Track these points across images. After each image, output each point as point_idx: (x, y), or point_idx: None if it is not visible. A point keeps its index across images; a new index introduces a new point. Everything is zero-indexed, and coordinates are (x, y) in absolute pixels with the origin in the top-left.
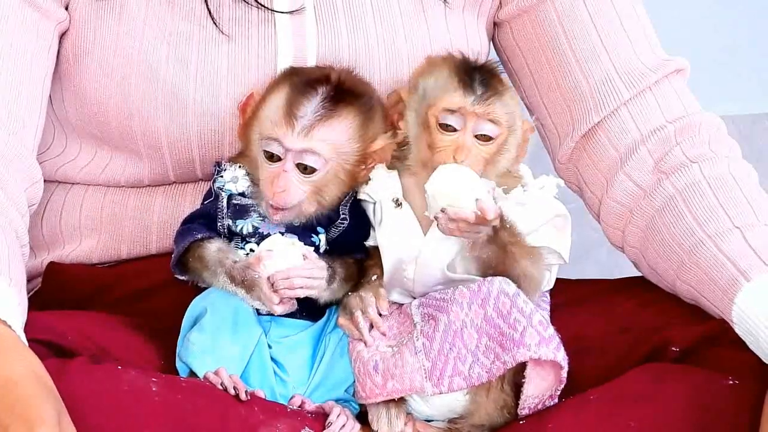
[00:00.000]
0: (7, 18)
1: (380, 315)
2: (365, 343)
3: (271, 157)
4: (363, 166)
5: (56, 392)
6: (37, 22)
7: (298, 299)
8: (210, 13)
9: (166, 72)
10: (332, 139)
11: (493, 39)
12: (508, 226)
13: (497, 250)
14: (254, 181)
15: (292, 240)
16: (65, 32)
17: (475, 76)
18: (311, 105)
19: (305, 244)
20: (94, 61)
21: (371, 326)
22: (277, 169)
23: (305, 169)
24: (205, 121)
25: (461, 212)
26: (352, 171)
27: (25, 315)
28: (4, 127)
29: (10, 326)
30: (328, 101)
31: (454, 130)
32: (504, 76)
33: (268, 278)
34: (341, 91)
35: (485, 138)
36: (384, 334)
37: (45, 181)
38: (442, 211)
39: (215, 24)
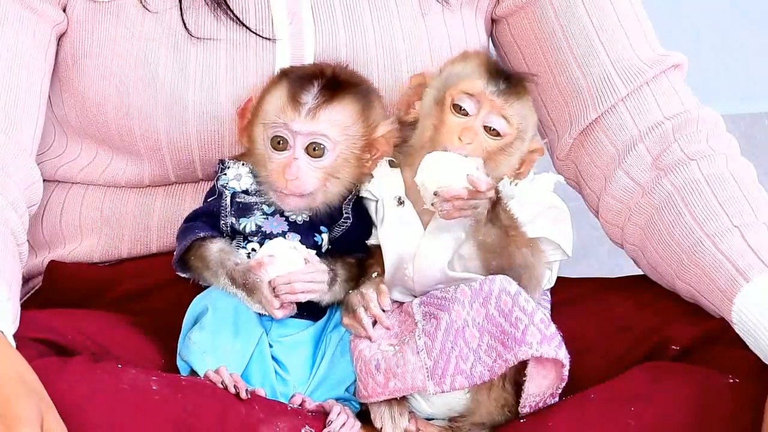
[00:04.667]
0: (3, 21)
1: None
2: (370, 339)
3: (278, 145)
4: (368, 155)
5: (42, 391)
6: (34, 24)
7: (298, 302)
8: (184, 21)
9: (165, 73)
10: (338, 120)
11: (491, 35)
12: (507, 208)
13: (499, 233)
14: (258, 179)
15: (294, 243)
16: (63, 34)
17: (503, 72)
18: (312, 92)
19: (308, 243)
20: (92, 63)
21: (375, 322)
22: (286, 158)
23: (314, 152)
24: (205, 122)
25: (452, 190)
26: (359, 158)
27: (14, 312)
28: (1, 129)
29: None
30: (328, 88)
31: (466, 114)
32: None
33: (270, 283)
34: (338, 80)
35: (494, 132)
36: (389, 329)
37: (45, 180)
38: (435, 194)
39: (188, 31)
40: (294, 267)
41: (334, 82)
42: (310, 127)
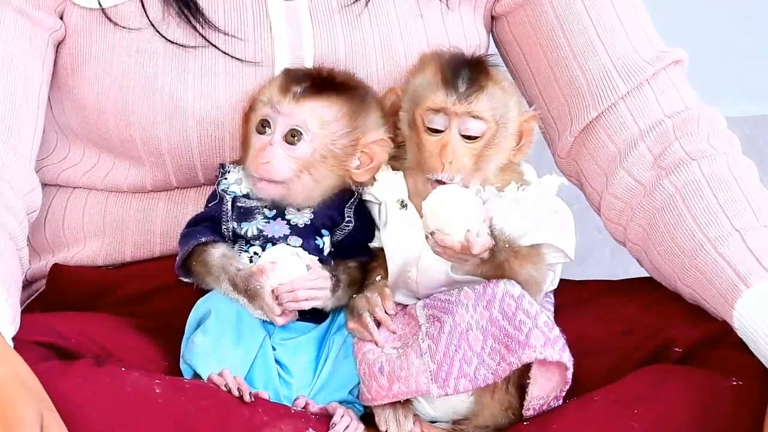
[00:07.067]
0: None
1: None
2: (376, 344)
3: (262, 128)
4: (354, 159)
5: (42, 393)
6: (30, 31)
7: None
8: (196, 30)
9: (164, 80)
10: (321, 113)
11: (491, 33)
12: (506, 246)
13: (493, 268)
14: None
15: (296, 250)
16: (62, 42)
17: (460, 72)
18: (305, 83)
19: (310, 246)
20: (91, 71)
21: (379, 325)
22: (264, 142)
23: (292, 137)
24: (205, 128)
25: (447, 240)
26: (341, 158)
27: (13, 314)
28: None
29: None
30: (321, 83)
31: (441, 130)
32: (497, 69)
33: (273, 291)
34: (334, 80)
35: (471, 137)
36: (394, 332)
37: (47, 185)
38: (432, 233)
39: (186, 40)
40: (296, 274)
41: (329, 81)
42: (292, 110)
